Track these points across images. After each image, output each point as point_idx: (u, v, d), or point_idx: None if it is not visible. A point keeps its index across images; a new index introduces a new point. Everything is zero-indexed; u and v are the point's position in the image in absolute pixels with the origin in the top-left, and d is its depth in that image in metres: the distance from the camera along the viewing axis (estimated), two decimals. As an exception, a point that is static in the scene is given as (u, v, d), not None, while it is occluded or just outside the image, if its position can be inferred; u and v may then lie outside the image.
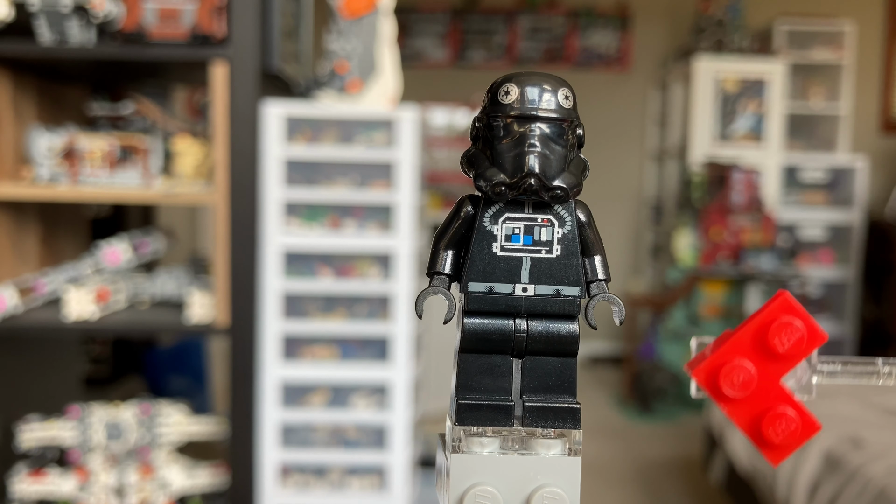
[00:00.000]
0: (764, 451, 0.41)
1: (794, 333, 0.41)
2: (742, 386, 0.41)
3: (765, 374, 0.41)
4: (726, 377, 0.41)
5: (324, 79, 1.63)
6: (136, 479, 1.62)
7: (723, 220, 3.58)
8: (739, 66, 3.83)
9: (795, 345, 0.41)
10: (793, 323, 0.41)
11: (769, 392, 0.41)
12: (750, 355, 0.41)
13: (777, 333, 0.41)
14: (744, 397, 0.41)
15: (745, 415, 0.42)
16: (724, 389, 0.41)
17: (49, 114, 1.80)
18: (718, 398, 0.42)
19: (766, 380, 0.41)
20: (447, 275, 0.40)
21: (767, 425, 0.41)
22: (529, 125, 0.38)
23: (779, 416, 0.41)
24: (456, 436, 0.39)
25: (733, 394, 0.41)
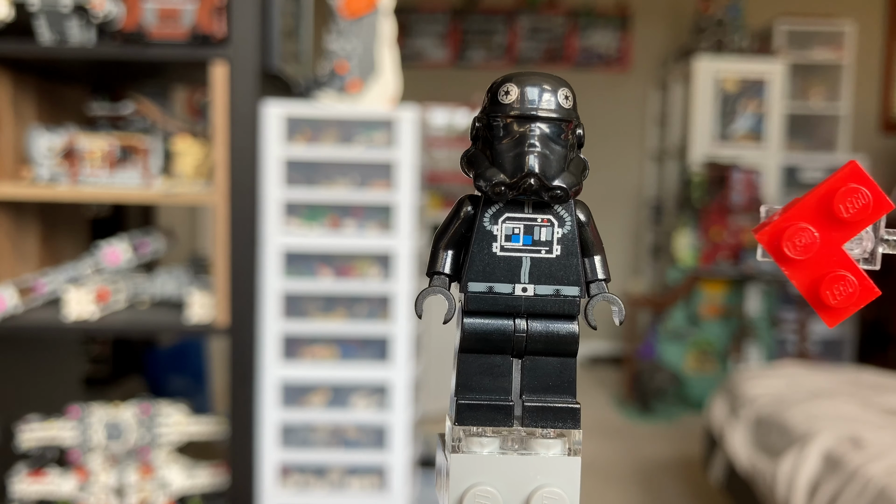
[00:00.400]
0: (821, 313, 0.42)
1: (859, 200, 0.41)
2: (804, 248, 0.41)
3: (828, 238, 0.42)
4: (789, 239, 0.42)
5: (324, 79, 1.63)
6: (135, 479, 1.62)
7: (723, 220, 3.58)
8: (739, 66, 3.83)
9: (860, 211, 0.41)
10: (859, 189, 0.41)
11: (830, 256, 0.42)
12: (814, 220, 0.42)
13: (842, 199, 0.41)
14: (805, 260, 0.42)
15: (805, 277, 0.42)
16: (785, 251, 0.42)
17: (49, 114, 1.80)
18: (780, 260, 0.42)
19: (829, 244, 0.42)
20: (447, 275, 0.40)
21: (826, 288, 0.41)
22: (529, 125, 0.38)
23: (838, 278, 0.41)
24: (456, 436, 0.39)
25: (795, 255, 0.41)
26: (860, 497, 1.57)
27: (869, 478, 1.58)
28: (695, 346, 3.59)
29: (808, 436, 1.82)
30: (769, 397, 2.12)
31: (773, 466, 1.88)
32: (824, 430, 1.81)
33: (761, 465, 1.95)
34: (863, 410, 1.94)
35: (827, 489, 1.68)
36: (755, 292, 3.55)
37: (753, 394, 2.17)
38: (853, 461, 1.66)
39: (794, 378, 2.24)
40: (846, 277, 0.41)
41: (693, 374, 3.57)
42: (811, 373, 2.31)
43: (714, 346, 3.58)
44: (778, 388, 2.16)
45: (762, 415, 2.06)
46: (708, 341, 3.58)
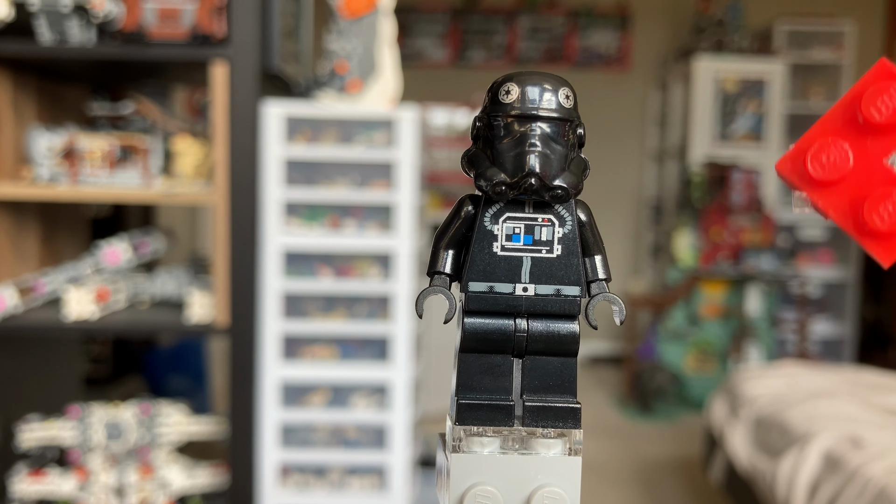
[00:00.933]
0: (870, 245, 0.33)
1: (891, 98, 0.33)
2: (834, 166, 0.34)
3: (864, 152, 0.34)
4: (815, 158, 0.34)
5: (324, 79, 1.63)
6: (136, 479, 1.62)
7: (723, 220, 3.58)
8: (739, 66, 3.83)
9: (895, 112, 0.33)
10: (892, 84, 0.33)
11: (871, 173, 0.34)
12: (843, 133, 0.34)
13: (872, 100, 0.34)
14: (838, 181, 0.34)
15: (843, 203, 0.34)
16: (811, 173, 0.34)
17: (49, 114, 1.80)
18: (809, 187, 0.35)
19: (867, 158, 0.34)
20: (447, 274, 0.40)
21: (871, 210, 0.33)
22: (530, 125, 0.38)
23: (884, 196, 0.33)
24: (456, 435, 0.39)
25: (824, 176, 0.34)
26: (860, 497, 1.57)
27: (869, 478, 1.58)
28: (695, 346, 3.59)
29: (808, 436, 1.82)
30: (769, 397, 2.12)
31: (773, 466, 1.88)
32: (824, 430, 1.81)
33: (761, 465, 1.95)
34: (863, 410, 1.94)
35: (827, 489, 1.68)
36: (755, 292, 3.55)
37: (753, 394, 2.17)
38: (853, 461, 1.66)
39: (794, 378, 2.24)
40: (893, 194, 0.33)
41: (693, 374, 3.57)
42: (811, 373, 2.31)
43: (714, 346, 3.58)
44: (778, 388, 2.16)
45: (762, 415, 2.06)
46: (708, 341, 3.58)
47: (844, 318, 4.02)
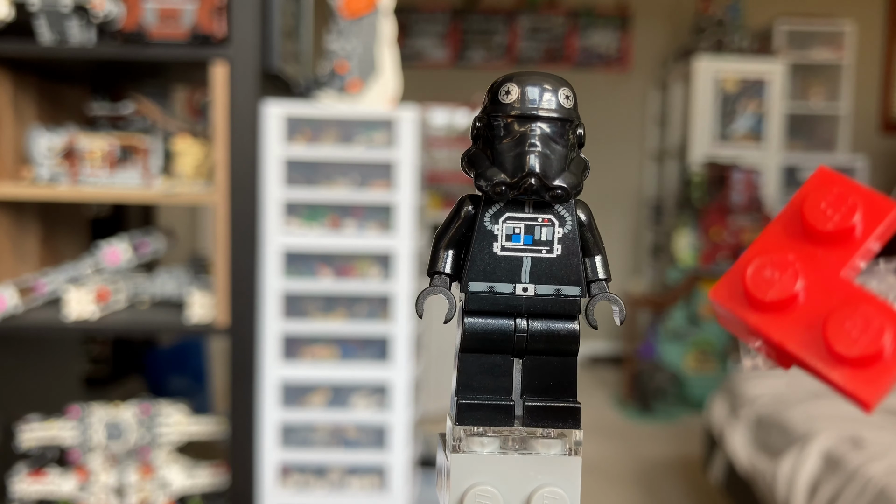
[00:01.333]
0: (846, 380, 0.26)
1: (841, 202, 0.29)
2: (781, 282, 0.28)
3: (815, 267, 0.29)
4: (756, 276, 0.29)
5: (324, 79, 1.63)
6: (136, 479, 1.62)
7: (723, 220, 3.58)
8: (739, 66, 3.83)
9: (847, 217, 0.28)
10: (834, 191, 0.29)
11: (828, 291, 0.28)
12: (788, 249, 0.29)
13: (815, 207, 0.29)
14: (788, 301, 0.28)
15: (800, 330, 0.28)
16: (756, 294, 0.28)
17: (49, 114, 1.80)
18: (755, 316, 0.29)
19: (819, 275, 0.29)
20: (447, 274, 0.40)
21: (835, 332, 0.26)
22: (530, 125, 0.38)
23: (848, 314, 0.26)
24: (456, 435, 0.39)
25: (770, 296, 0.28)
26: (860, 497, 1.57)
27: (869, 478, 1.58)
28: (695, 346, 3.59)
29: (808, 436, 1.82)
30: (769, 397, 2.12)
31: (773, 466, 1.88)
32: (824, 430, 1.81)
33: (761, 465, 1.95)
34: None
35: (827, 489, 1.68)
36: (755, 292, 3.55)
37: (753, 394, 2.17)
38: (853, 461, 1.66)
39: (794, 378, 2.24)
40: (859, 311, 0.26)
41: (693, 374, 3.57)
42: (811, 373, 2.31)
43: (714, 346, 3.58)
44: (778, 388, 2.16)
45: (762, 415, 2.06)
46: (708, 341, 3.58)
47: (844, 318, 4.01)
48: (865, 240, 0.29)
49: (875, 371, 0.25)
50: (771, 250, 0.30)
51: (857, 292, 0.28)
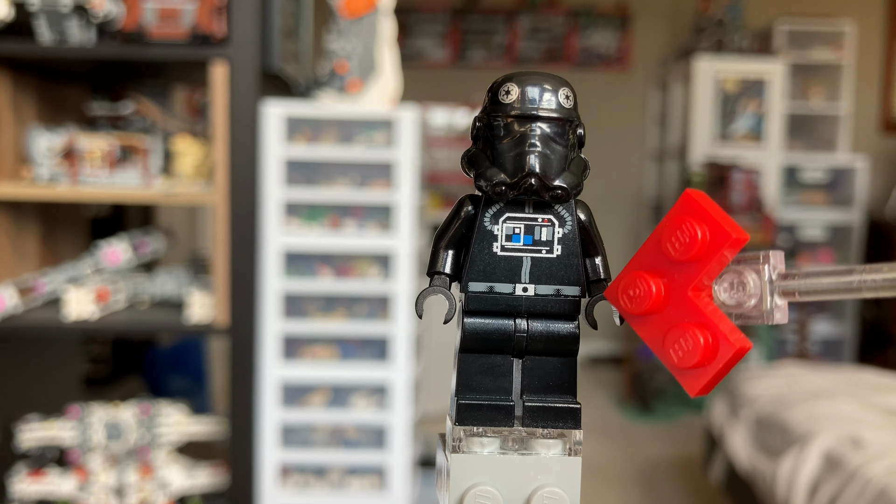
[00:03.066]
0: (678, 377, 0.35)
1: (684, 234, 0.35)
2: (640, 301, 0.36)
3: (673, 284, 0.35)
4: (623, 292, 0.36)
5: (324, 79, 1.63)
6: (135, 479, 1.62)
7: (723, 220, 3.57)
8: (739, 65, 3.83)
9: (688, 248, 0.34)
10: (682, 222, 0.35)
11: (678, 307, 0.35)
12: (653, 266, 0.36)
13: (669, 236, 0.35)
14: (650, 315, 0.36)
15: (655, 336, 0.36)
16: (623, 306, 0.37)
17: (49, 114, 1.80)
18: (629, 318, 0.37)
19: (675, 291, 0.35)
20: (447, 275, 0.40)
21: (668, 346, 0.35)
22: (530, 125, 0.38)
23: (680, 332, 0.34)
24: (456, 436, 0.39)
25: (633, 310, 0.36)
26: (860, 497, 1.57)
27: (869, 478, 1.58)
28: (695, 346, 3.58)
29: (808, 436, 1.82)
30: (769, 397, 2.12)
31: (773, 466, 1.88)
32: (824, 430, 1.81)
33: (761, 465, 1.95)
34: (863, 410, 1.94)
35: (827, 489, 1.68)
36: (755, 292, 3.55)
37: (753, 394, 2.17)
38: (853, 461, 1.66)
39: (794, 378, 2.24)
40: (689, 331, 0.34)
41: (693, 374, 3.56)
42: (811, 373, 2.31)
43: (714, 346, 3.58)
44: (778, 388, 2.16)
45: (762, 415, 2.06)
46: (708, 341, 3.58)
47: (844, 318, 4.01)
48: (706, 267, 0.35)
49: (695, 375, 0.35)
50: (644, 265, 0.36)
51: (694, 311, 0.35)
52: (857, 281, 0.33)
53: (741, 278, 0.35)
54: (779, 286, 0.34)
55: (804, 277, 0.34)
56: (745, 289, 0.35)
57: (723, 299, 0.35)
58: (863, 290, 0.33)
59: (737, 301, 0.35)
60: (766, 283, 0.35)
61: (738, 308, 0.35)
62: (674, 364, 0.35)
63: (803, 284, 0.34)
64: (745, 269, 0.35)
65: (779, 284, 0.34)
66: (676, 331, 0.35)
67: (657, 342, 0.36)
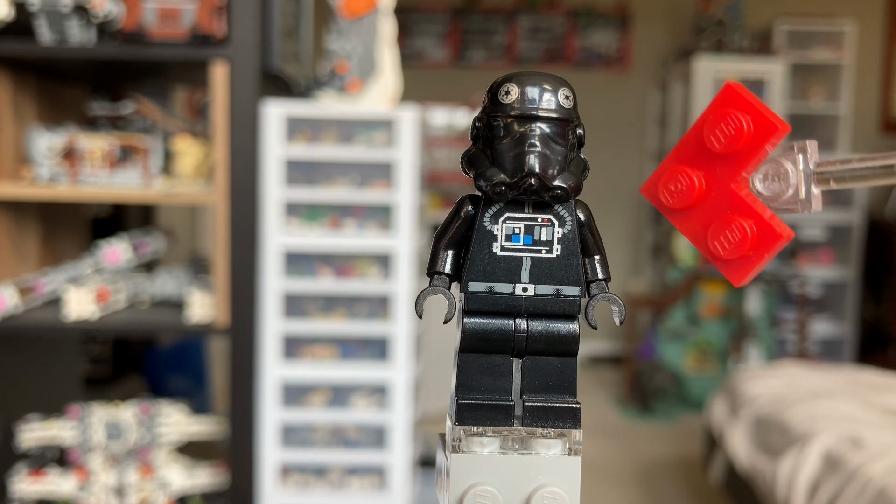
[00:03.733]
0: (721, 269, 0.36)
1: (730, 126, 0.34)
2: (682, 195, 0.36)
3: (714, 178, 0.35)
4: (664, 187, 0.36)
5: (324, 79, 1.63)
6: (136, 478, 1.62)
7: (723, 220, 3.57)
8: (739, 65, 3.83)
9: (734, 139, 0.34)
10: (728, 113, 0.34)
11: (720, 199, 0.35)
12: (694, 160, 0.36)
13: (712, 129, 0.35)
14: (691, 209, 0.36)
15: (696, 229, 0.36)
16: (664, 201, 0.36)
17: (49, 114, 1.80)
18: (667, 213, 0.37)
19: (717, 185, 0.35)
20: (447, 274, 0.40)
21: (713, 238, 0.35)
22: (530, 125, 0.38)
23: (723, 225, 0.35)
24: (456, 435, 0.39)
25: (674, 204, 0.36)
26: (860, 497, 1.57)
27: (869, 478, 1.58)
28: (695, 346, 3.59)
29: (808, 436, 1.82)
30: (769, 397, 2.12)
31: (773, 466, 1.88)
32: (824, 430, 1.81)
33: (761, 465, 1.95)
34: (863, 410, 1.94)
35: (827, 489, 1.68)
36: (755, 292, 3.55)
37: (753, 394, 2.17)
38: (853, 461, 1.66)
39: (794, 378, 2.24)
40: (734, 222, 0.34)
41: (693, 374, 3.57)
42: (811, 373, 2.31)
43: (714, 346, 3.58)
44: (778, 388, 2.16)
45: (762, 415, 2.06)
46: (708, 341, 3.59)
47: (844, 318, 4.02)
48: (751, 159, 0.34)
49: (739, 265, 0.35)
50: (682, 160, 0.36)
51: (740, 204, 0.35)
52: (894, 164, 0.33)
53: (778, 168, 0.35)
54: (815, 175, 0.34)
55: (841, 164, 0.34)
56: (781, 179, 0.35)
57: (760, 190, 0.35)
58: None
59: (774, 191, 0.35)
60: (802, 172, 0.35)
61: (774, 199, 0.35)
62: (719, 256, 0.35)
63: (839, 171, 0.34)
64: (782, 159, 0.35)
65: (815, 173, 0.34)
66: (721, 223, 0.35)
67: (699, 235, 0.36)
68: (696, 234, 0.36)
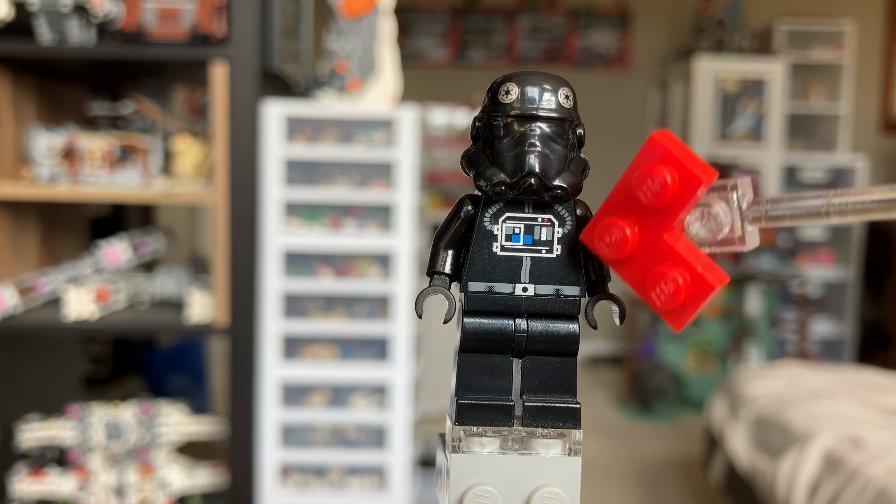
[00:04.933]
0: (662, 316, 0.36)
1: (654, 181, 0.34)
2: (617, 246, 0.36)
3: (648, 228, 0.35)
4: (600, 239, 0.36)
5: (324, 78, 1.63)
6: (135, 479, 1.62)
7: (723, 220, 3.57)
8: (739, 65, 3.83)
9: (660, 195, 0.34)
10: (653, 169, 0.34)
11: (654, 250, 0.35)
12: (626, 212, 0.36)
13: (638, 185, 0.35)
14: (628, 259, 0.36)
15: (636, 278, 0.36)
16: (600, 253, 0.37)
17: (49, 114, 1.80)
18: (607, 262, 0.37)
19: (650, 235, 0.35)
20: (447, 274, 0.40)
21: (649, 290, 0.35)
22: (530, 125, 0.38)
23: (658, 276, 0.35)
24: (456, 436, 0.39)
25: (611, 256, 0.36)
26: (860, 497, 1.57)
27: (869, 478, 1.58)
28: (695, 346, 3.59)
29: (808, 436, 1.82)
30: (769, 397, 2.12)
31: (773, 466, 1.88)
32: (824, 430, 1.81)
33: (761, 465, 1.95)
34: (863, 410, 1.94)
35: (827, 489, 1.68)
36: (755, 292, 3.55)
37: (753, 394, 2.17)
38: (853, 461, 1.66)
39: (794, 378, 2.24)
40: (667, 274, 0.35)
41: (693, 374, 3.57)
42: (811, 373, 2.31)
43: (714, 346, 3.58)
44: (778, 388, 2.16)
45: (762, 415, 2.06)
46: (708, 341, 3.58)
47: (844, 318, 4.02)
48: (680, 210, 0.34)
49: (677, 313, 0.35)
50: (616, 210, 0.36)
51: (670, 254, 0.35)
52: (826, 205, 0.33)
53: (710, 210, 0.35)
54: (748, 213, 0.34)
55: (773, 203, 0.34)
56: (716, 219, 0.35)
57: (695, 232, 0.36)
58: (831, 214, 0.33)
59: (709, 231, 0.35)
60: (736, 210, 0.35)
61: (712, 239, 0.35)
62: (657, 307, 0.35)
63: (772, 209, 0.34)
64: (714, 199, 0.35)
65: (748, 211, 0.34)
66: (656, 274, 0.35)
67: (638, 285, 0.36)
68: (636, 284, 0.36)
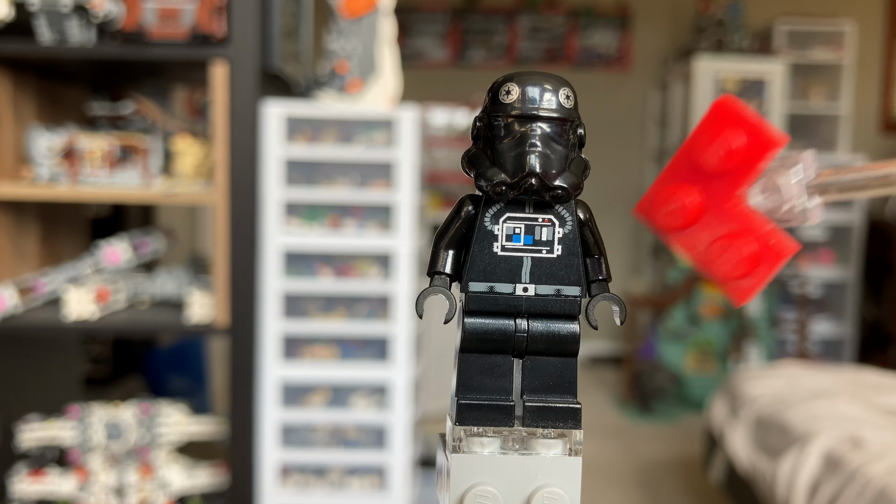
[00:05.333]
0: (723, 289, 0.34)
1: (723, 145, 0.33)
2: (676, 217, 0.34)
3: (711, 194, 0.34)
4: (659, 209, 0.34)
5: (324, 79, 1.63)
6: (135, 479, 1.62)
7: (723, 220, 3.57)
8: (739, 65, 3.83)
9: (728, 158, 0.33)
10: (719, 132, 0.33)
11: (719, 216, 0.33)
12: (688, 180, 0.34)
13: (704, 148, 0.33)
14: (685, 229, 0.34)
15: (699, 245, 0.34)
16: (659, 223, 0.35)
17: (49, 114, 1.80)
18: (664, 235, 0.35)
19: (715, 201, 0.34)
20: (448, 274, 0.40)
21: (713, 259, 0.33)
22: (530, 125, 0.38)
23: (723, 246, 0.33)
24: (456, 436, 0.39)
25: (671, 226, 0.34)
26: (860, 497, 1.57)
27: (869, 478, 1.58)
28: (695, 346, 3.59)
29: (808, 436, 1.82)
30: (769, 397, 2.12)
31: (773, 466, 1.88)
32: (824, 430, 1.81)
33: (761, 465, 1.95)
34: (863, 410, 1.94)
35: (827, 489, 1.68)
36: (755, 292, 3.55)
37: (753, 394, 2.17)
38: (853, 461, 1.66)
39: (794, 378, 2.24)
40: (735, 241, 0.33)
41: (693, 374, 3.57)
42: (811, 373, 2.31)
43: (714, 346, 3.58)
44: (778, 388, 2.16)
45: (762, 415, 2.06)
46: (708, 341, 3.58)
47: (844, 318, 4.01)
48: (749, 176, 0.33)
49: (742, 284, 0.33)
50: (678, 179, 0.34)
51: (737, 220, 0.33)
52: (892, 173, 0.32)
53: (775, 182, 0.34)
54: (812, 186, 0.33)
55: (838, 174, 0.33)
56: (779, 192, 0.34)
57: (758, 204, 0.34)
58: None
59: (772, 204, 0.34)
60: (800, 184, 0.34)
61: (773, 212, 0.34)
62: (721, 276, 0.33)
63: (837, 181, 0.33)
64: (778, 171, 0.34)
65: (812, 184, 0.33)
66: (721, 242, 0.33)
67: (699, 255, 0.34)
68: (696, 254, 0.34)
